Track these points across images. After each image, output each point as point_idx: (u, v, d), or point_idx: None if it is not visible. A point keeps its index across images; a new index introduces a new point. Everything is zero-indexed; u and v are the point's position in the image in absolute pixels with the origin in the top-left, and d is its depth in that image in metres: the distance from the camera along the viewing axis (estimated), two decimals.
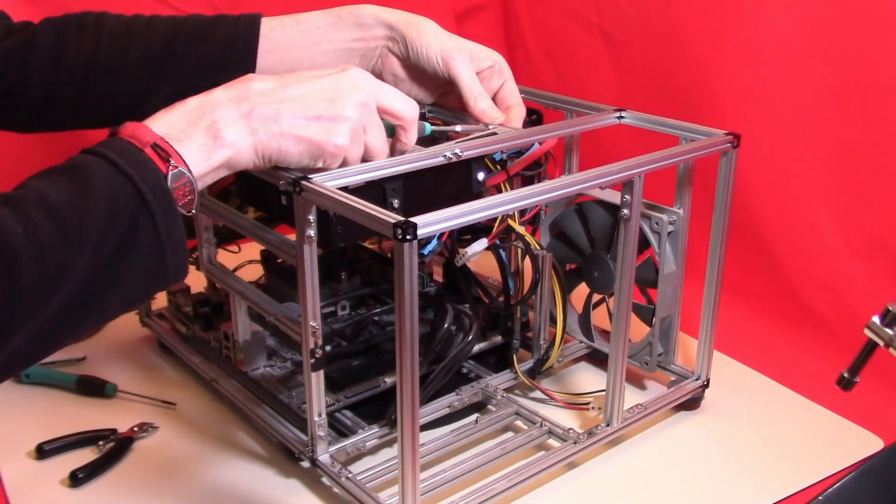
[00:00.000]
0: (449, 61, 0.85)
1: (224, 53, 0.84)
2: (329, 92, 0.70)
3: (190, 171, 0.63)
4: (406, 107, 0.75)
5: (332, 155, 0.70)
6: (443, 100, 0.93)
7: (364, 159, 0.74)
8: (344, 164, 0.72)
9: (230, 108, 0.66)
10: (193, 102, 0.66)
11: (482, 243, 0.86)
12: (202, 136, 0.64)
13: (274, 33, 0.85)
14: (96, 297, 0.60)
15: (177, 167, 0.62)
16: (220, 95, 0.67)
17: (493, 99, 0.89)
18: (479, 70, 0.88)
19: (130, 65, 0.84)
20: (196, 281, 1.06)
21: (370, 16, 0.86)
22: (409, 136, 0.77)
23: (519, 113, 0.90)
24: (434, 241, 0.84)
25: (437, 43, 0.85)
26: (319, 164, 0.71)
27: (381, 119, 0.74)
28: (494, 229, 0.86)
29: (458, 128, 0.85)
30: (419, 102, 0.81)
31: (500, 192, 0.85)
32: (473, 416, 0.91)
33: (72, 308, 0.59)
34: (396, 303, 0.64)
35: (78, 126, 0.90)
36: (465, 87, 0.86)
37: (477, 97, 0.86)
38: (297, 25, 0.86)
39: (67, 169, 0.61)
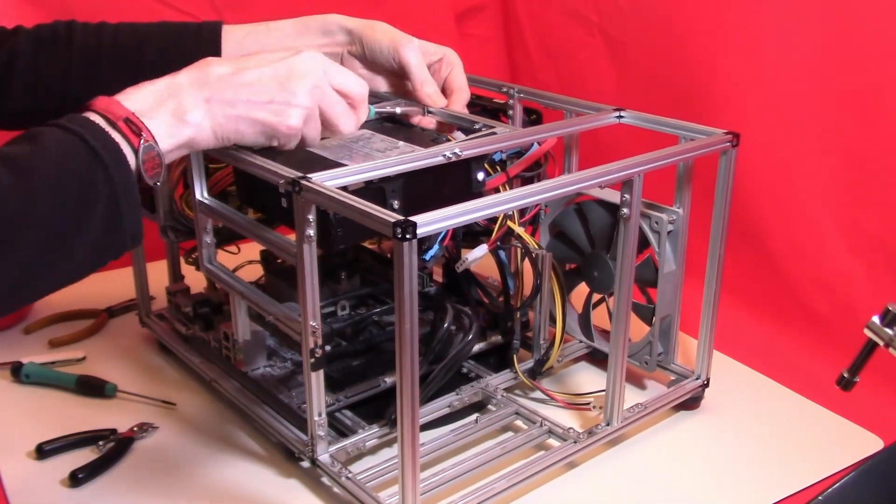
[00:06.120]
0: (399, 49, 0.90)
1: (190, 63, 0.86)
2: (281, 77, 0.75)
3: (158, 146, 0.69)
4: (356, 86, 0.81)
5: (285, 135, 0.76)
6: (399, 91, 0.97)
7: (326, 135, 0.81)
8: (303, 143, 0.79)
9: (193, 91, 0.72)
10: (160, 84, 0.72)
11: (482, 249, 0.86)
12: (168, 116, 0.70)
13: (248, 39, 0.90)
14: (61, 247, 0.64)
15: (148, 141, 0.68)
16: (184, 79, 0.73)
17: (442, 86, 0.94)
18: (430, 63, 0.94)
19: (104, 78, 0.87)
20: (196, 281, 1.06)
21: (334, 23, 0.92)
22: (360, 113, 0.82)
23: (462, 97, 0.94)
24: (436, 247, 0.84)
25: (388, 36, 0.91)
26: (275, 143, 0.77)
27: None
28: (494, 234, 0.86)
29: (399, 110, 0.89)
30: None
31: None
32: (473, 416, 0.91)
33: (38, 256, 0.63)
34: (396, 303, 0.65)
35: None
36: (412, 72, 0.91)
37: (423, 82, 0.91)
38: (268, 33, 0.91)
39: (23, 136, 0.66)
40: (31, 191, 0.62)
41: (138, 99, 0.69)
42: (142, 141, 0.67)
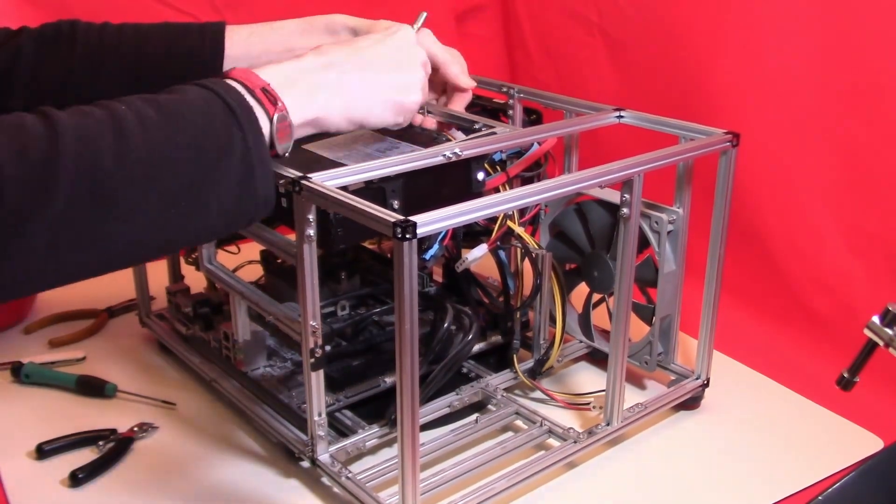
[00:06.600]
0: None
1: (192, 65, 0.88)
2: (397, 53, 0.78)
3: (290, 117, 0.69)
4: (442, 53, 0.87)
5: (411, 111, 0.79)
6: None
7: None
8: None
9: (322, 73, 0.73)
10: (287, 66, 0.73)
11: (482, 249, 0.86)
12: (300, 92, 0.71)
13: (252, 38, 0.90)
14: (200, 194, 0.64)
15: (282, 111, 0.69)
16: (309, 63, 0.74)
17: (446, 84, 0.94)
18: None
19: (105, 79, 0.88)
20: (196, 281, 1.06)
21: (339, 23, 0.91)
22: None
23: (463, 97, 0.94)
24: (436, 246, 0.84)
25: None
26: (400, 120, 0.79)
27: None
28: (494, 234, 0.86)
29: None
30: None
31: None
32: (473, 416, 0.91)
33: (180, 197, 0.63)
34: (396, 302, 0.65)
35: None
36: (435, 55, 0.90)
37: (448, 62, 0.91)
38: (272, 32, 0.91)
39: (165, 90, 0.67)
40: (175, 132, 0.62)
41: (270, 74, 0.70)
42: (277, 109, 0.68)
